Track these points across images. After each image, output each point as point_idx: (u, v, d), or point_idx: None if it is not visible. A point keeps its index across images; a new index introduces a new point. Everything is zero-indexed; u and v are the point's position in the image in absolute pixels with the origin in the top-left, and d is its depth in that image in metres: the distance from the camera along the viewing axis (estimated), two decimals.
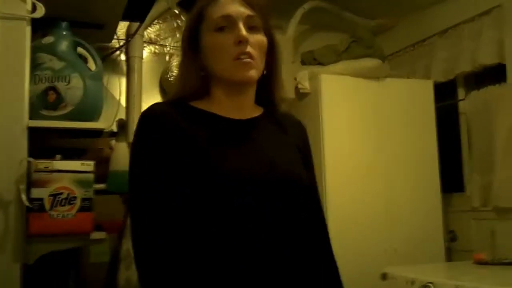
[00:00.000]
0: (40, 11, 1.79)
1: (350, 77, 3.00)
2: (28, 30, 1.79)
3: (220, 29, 1.19)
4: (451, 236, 3.14)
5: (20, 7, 1.77)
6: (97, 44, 2.26)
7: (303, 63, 3.20)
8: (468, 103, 3.15)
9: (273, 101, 1.30)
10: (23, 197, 1.70)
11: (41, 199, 1.74)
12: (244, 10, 1.19)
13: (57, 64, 1.85)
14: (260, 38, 1.21)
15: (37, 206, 1.73)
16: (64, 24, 1.96)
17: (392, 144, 3.01)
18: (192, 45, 1.24)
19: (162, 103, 1.27)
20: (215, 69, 1.21)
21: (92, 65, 1.98)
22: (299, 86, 3.00)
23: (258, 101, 1.30)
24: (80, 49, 1.96)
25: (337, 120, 2.92)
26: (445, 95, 3.30)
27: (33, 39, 1.86)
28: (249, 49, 1.17)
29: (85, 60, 1.96)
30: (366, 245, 2.84)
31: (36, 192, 1.73)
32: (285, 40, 2.91)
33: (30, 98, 1.80)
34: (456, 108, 3.28)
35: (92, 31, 2.21)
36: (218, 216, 1.11)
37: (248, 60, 1.17)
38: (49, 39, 1.90)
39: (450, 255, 3.11)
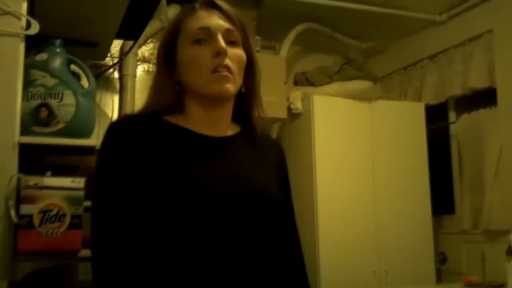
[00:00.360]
0: (35, 28, 1.79)
1: (342, 98, 3.02)
2: (22, 47, 1.79)
3: (198, 41, 1.14)
4: (441, 258, 3.14)
5: (15, 24, 1.77)
6: (90, 62, 2.27)
7: (296, 83, 3.22)
8: (459, 126, 3.18)
9: (250, 120, 1.24)
10: (12, 213, 1.69)
11: (31, 216, 1.72)
12: (223, 23, 1.16)
13: (50, 81, 1.85)
14: (239, 52, 1.16)
15: (26, 223, 1.71)
16: (58, 41, 1.96)
17: (383, 165, 3.02)
18: (167, 58, 1.19)
19: (132, 115, 1.21)
20: (191, 83, 1.15)
21: (85, 82, 1.98)
22: (292, 106, 3.02)
23: (235, 119, 1.24)
24: (73, 67, 1.96)
25: (329, 140, 2.94)
26: (436, 118, 3.33)
27: (27, 56, 1.87)
28: (227, 62, 1.12)
29: (78, 77, 1.97)
30: (357, 267, 2.84)
31: (25, 209, 1.72)
32: (278, 60, 2.94)
33: (22, 115, 1.80)
34: (447, 131, 3.31)
35: (86, 49, 2.22)
36: (182, 236, 1.06)
37: (226, 73, 1.12)
38: (42, 56, 1.90)
39: (440, 277, 3.10)
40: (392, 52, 3.66)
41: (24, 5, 1.80)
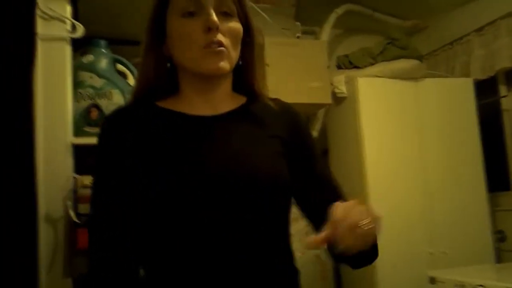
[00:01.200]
0: (80, 31, 1.84)
1: (387, 79, 2.96)
2: (68, 49, 1.84)
3: (188, 14, 1.05)
4: (499, 237, 3.06)
5: (60, 28, 1.82)
6: (135, 60, 2.30)
7: (339, 67, 3.18)
8: (511, 99, 3.08)
9: (254, 91, 1.17)
10: (71, 213, 1.74)
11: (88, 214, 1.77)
12: None
13: (98, 82, 1.89)
14: (233, 25, 1.08)
15: (84, 222, 1.76)
16: (102, 42, 2.00)
17: (433, 145, 2.95)
18: (156, 33, 1.10)
19: (123, 107, 1.15)
20: (182, 59, 1.08)
21: (131, 80, 2.01)
22: (336, 90, 2.98)
23: (239, 89, 1.18)
24: (119, 66, 2.00)
25: (376, 123, 2.89)
26: (486, 93, 3.22)
27: (74, 58, 1.92)
28: (219, 37, 1.04)
29: (124, 76, 2.00)
30: (412, 249, 2.79)
31: (83, 208, 1.77)
32: (319, 45, 2.90)
33: (74, 116, 1.84)
34: (499, 105, 3.20)
35: (130, 47, 2.25)
36: (172, 221, 1.01)
37: (219, 49, 1.04)
38: (89, 58, 1.95)
39: (500, 256, 3.02)
40: (436, 28, 3.56)
41: (68, 9, 1.84)
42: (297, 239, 2.89)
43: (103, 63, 1.95)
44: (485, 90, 3.21)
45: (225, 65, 1.06)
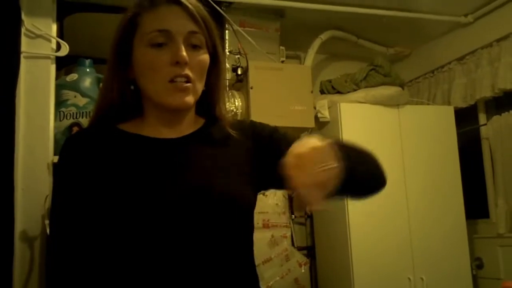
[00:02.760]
0: (65, 50, 1.84)
1: (370, 104, 2.99)
2: (53, 68, 1.85)
3: (156, 45, 1.02)
4: (477, 264, 3.08)
5: (45, 46, 1.83)
6: None
7: (322, 92, 3.21)
8: (490, 128, 3.13)
9: (214, 115, 1.16)
10: (48, 231, 1.72)
11: None
12: (185, 25, 1.04)
13: (81, 101, 1.90)
14: (201, 58, 1.06)
15: None
16: (87, 61, 2.01)
17: (415, 171, 2.98)
18: (121, 56, 1.07)
19: (85, 129, 1.14)
20: (146, 89, 1.06)
21: None
22: (319, 115, 3.01)
23: (199, 111, 1.16)
24: None
25: None
26: (466, 121, 3.27)
27: (57, 76, 1.92)
28: (187, 71, 1.02)
29: None
30: (391, 274, 2.80)
31: None
32: (303, 70, 2.93)
33: (55, 134, 1.84)
34: (478, 133, 3.25)
35: None
36: (133, 245, 0.99)
37: (185, 85, 1.03)
38: (73, 76, 1.95)
39: (477, 283, 3.04)
40: (419, 56, 3.63)
41: (54, 28, 1.85)
42: (277, 263, 2.90)
43: (87, 82, 1.96)
44: (465, 118, 3.26)
45: (190, 99, 1.05)
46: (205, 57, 1.08)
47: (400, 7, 3.01)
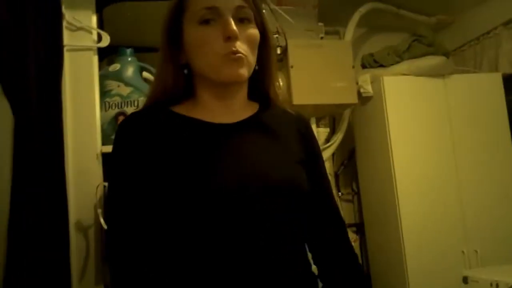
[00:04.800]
0: (106, 40, 1.86)
1: (414, 76, 2.92)
2: (95, 59, 1.86)
3: (205, 21, 1.04)
4: None
5: (87, 38, 1.84)
6: None
7: (364, 66, 3.15)
8: None
9: (268, 97, 1.17)
10: (102, 220, 1.76)
11: None
12: (233, 0, 1.05)
13: (125, 90, 1.92)
14: (251, 32, 1.07)
15: None
16: (128, 50, 2.02)
17: (463, 141, 2.90)
18: (172, 39, 1.09)
19: (139, 111, 1.12)
20: (200, 67, 1.07)
21: None
22: (362, 90, 2.96)
23: (252, 95, 1.17)
24: (145, 73, 2.01)
25: (404, 121, 2.85)
26: None
27: (100, 68, 1.94)
28: (238, 46, 1.03)
29: (150, 83, 2.02)
30: (444, 248, 2.75)
31: None
32: (344, 45, 2.87)
33: (102, 125, 1.87)
34: None
35: (154, 54, 2.27)
36: (194, 235, 1.00)
37: (238, 56, 1.03)
38: (115, 67, 1.97)
39: None
40: (463, 23, 3.50)
41: (94, 19, 1.86)
42: None
43: (130, 71, 1.97)
44: None
45: (244, 72, 1.05)
46: (255, 31, 1.09)
47: None
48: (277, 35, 2.64)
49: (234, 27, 1.02)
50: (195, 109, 1.11)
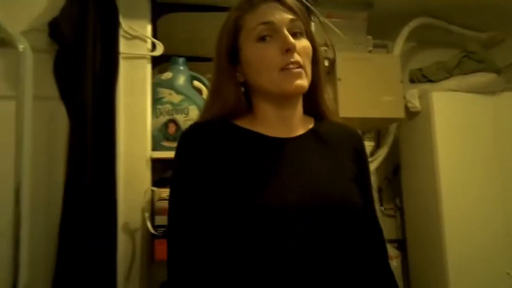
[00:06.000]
0: (160, 49, 1.91)
1: (464, 93, 2.87)
2: (149, 67, 1.92)
3: (262, 38, 1.08)
4: None
5: (142, 46, 1.90)
6: (209, 75, 2.37)
7: (412, 81, 3.12)
8: None
9: (322, 112, 1.20)
10: (149, 224, 1.80)
11: (165, 226, 1.83)
12: (286, 15, 1.09)
13: (176, 98, 1.96)
14: (306, 43, 1.11)
15: (161, 233, 1.82)
16: (181, 60, 2.07)
17: (510, 161, 2.83)
18: (230, 58, 1.13)
19: (201, 122, 1.14)
20: (259, 83, 1.10)
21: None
22: (409, 105, 2.93)
23: (306, 110, 1.19)
24: (196, 82, 2.05)
25: (452, 138, 2.81)
26: None
27: (153, 76, 1.99)
28: (296, 57, 1.07)
29: (200, 92, 2.06)
30: (489, 270, 2.68)
31: (160, 220, 1.83)
32: (392, 59, 2.86)
33: (153, 131, 1.91)
34: None
35: (205, 63, 2.31)
36: (254, 250, 1.00)
37: (298, 69, 1.06)
38: (168, 75, 2.02)
39: None
40: None
41: (149, 28, 1.92)
42: None
43: (181, 80, 2.02)
44: None
45: (305, 82, 1.08)
46: (308, 43, 1.13)
47: None
48: (325, 48, 2.65)
49: (292, 40, 1.06)
50: (255, 123, 1.13)
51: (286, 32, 1.07)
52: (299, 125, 1.16)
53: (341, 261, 1.05)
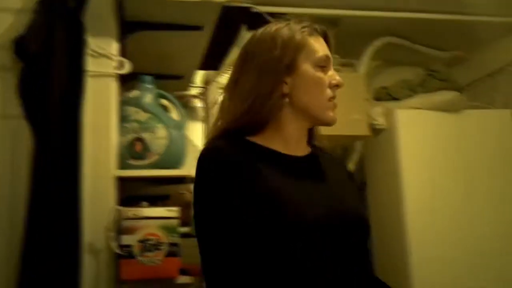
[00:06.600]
0: (127, 67, 1.91)
1: (427, 110, 2.94)
2: (115, 85, 1.91)
3: (322, 67, 1.18)
4: None
5: (108, 65, 1.90)
6: (176, 93, 2.37)
7: (377, 99, 3.17)
8: None
9: (314, 138, 1.30)
10: (112, 244, 1.78)
11: (131, 246, 1.82)
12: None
13: (143, 116, 1.96)
14: None
15: (127, 253, 1.80)
16: (148, 78, 2.07)
17: (477, 178, 2.89)
18: (284, 71, 1.17)
19: (219, 140, 1.14)
20: (307, 102, 1.17)
21: (174, 114, 2.07)
22: (374, 122, 2.97)
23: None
24: (163, 101, 2.06)
25: (416, 155, 2.86)
26: None
27: (120, 93, 1.99)
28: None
29: (168, 110, 2.06)
30: (452, 285, 2.72)
31: (126, 239, 1.82)
32: (358, 77, 2.91)
33: (119, 149, 1.90)
34: None
35: (173, 81, 2.32)
36: (284, 261, 1.04)
37: (335, 104, 1.21)
38: (135, 93, 2.02)
39: None
40: (476, 60, 3.53)
41: (116, 47, 1.92)
42: None
43: (148, 98, 2.02)
44: None
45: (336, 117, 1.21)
46: None
47: (455, 11, 2.94)
48: None
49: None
50: (273, 140, 1.17)
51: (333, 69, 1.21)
52: (304, 147, 1.24)
53: (362, 271, 1.15)
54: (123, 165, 1.90)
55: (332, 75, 1.20)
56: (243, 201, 1.05)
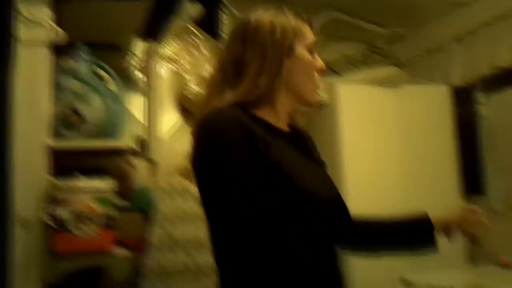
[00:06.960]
0: (61, 36, 1.85)
1: (368, 85, 2.99)
2: (49, 54, 1.85)
3: (310, 51, 1.25)
4: (472, 239, 3.08)
5: (42, 33, 1.83)
6: (115, 65, 2.32)
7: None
8: (489, 106, 3.13)
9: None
10: (45, 216, 1.75)
11: (64, 218, 1.78)
12: None
13: (78, 86, 1.91)
14: None
15: (60, 225, 1.77)
16: (84, 47, 2.02)
17: (413, 150, 2.98)
18: (286, 52, 1.22)
19: (228, 109, 1.15)
20: (297, 82, 1.24)
21: (112, 86, 2.03)
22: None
23: None
24: (100, 71, 2.01)
25: (356, 129, 2.92)
26: (466, 100, 3.26)
27: (55, 63, 1.93)
28: None
29: (105, 81, 2.02)
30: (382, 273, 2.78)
31: (60, 212, 1.78)
32: None
33: (53, 120, 1.86)
34: (477, 113, 3.25)
35: (111, 52, 2.27)
36: (293, 229, 1.12)
37: (319, 86, 1.27)
38: (70, 63, 1.96)
39: (473, 258, 3.05)
40: (417, 36, 3.60)
41: (49, 14, 1.85)
42: None
43: (84, 68, 1.97)
44: (465, 97, 3.25)
45: None
46: None
47: None
48: None
49: None
50: (269, 114, 1.23)
51: None
52: (286, 125, 1.28)
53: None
54: (57, 136, 1.86)
55: (318, 60, 1.27)
56: (258, 168, 1.09)
